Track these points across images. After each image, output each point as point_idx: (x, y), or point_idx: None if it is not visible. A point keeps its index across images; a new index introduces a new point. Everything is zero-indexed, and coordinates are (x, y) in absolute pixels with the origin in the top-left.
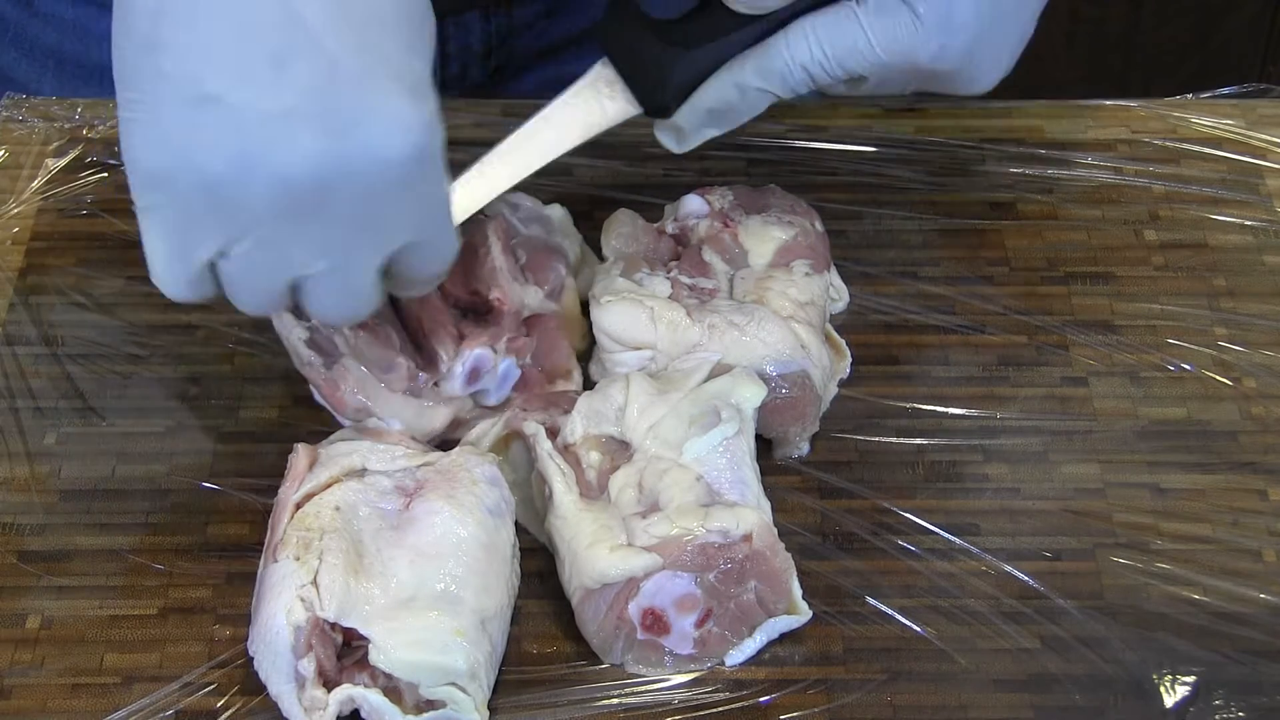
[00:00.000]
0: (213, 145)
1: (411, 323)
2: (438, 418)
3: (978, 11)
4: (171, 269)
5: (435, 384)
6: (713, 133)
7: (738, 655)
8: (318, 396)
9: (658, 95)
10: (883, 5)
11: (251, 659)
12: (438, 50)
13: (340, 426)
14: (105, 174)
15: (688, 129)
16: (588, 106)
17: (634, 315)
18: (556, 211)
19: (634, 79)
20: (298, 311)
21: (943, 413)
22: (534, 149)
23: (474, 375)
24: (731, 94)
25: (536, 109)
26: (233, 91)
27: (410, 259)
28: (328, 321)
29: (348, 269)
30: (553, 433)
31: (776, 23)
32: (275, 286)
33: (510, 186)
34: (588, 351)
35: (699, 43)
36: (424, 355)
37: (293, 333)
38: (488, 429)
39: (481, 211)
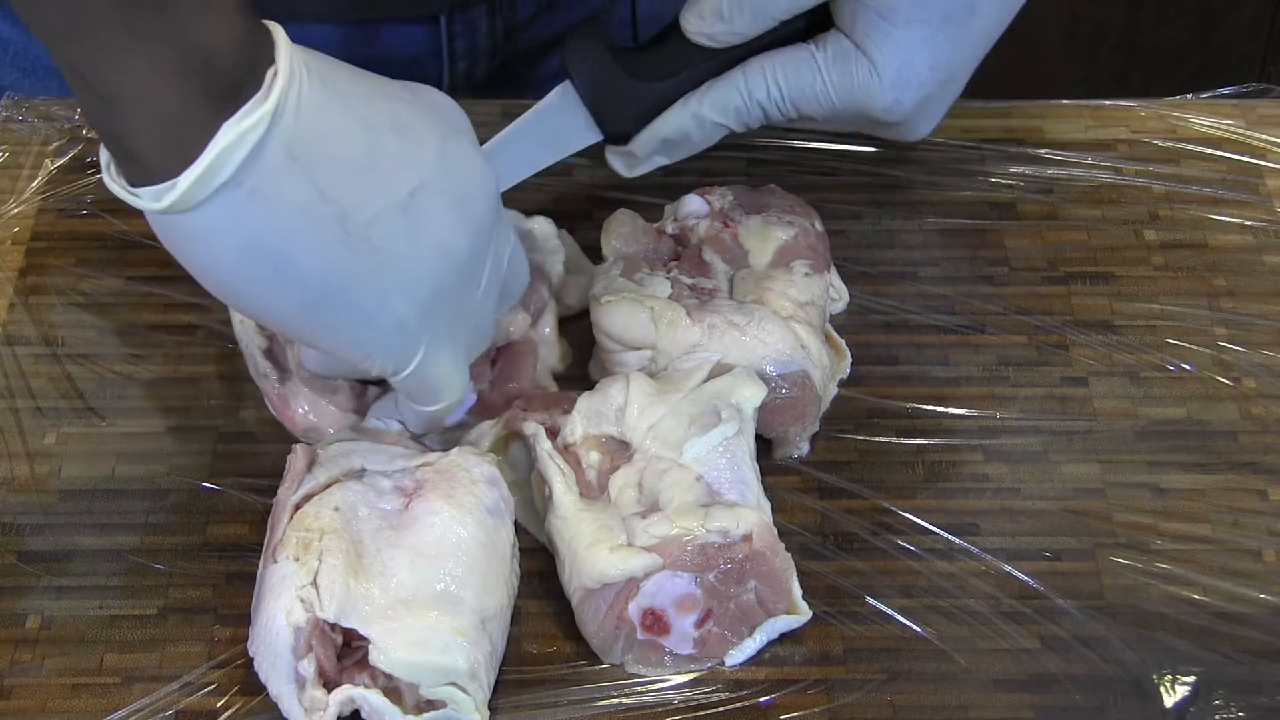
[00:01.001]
0: (445, 224)
1: None
2: (386, 438)
3: (933, 70)
4: (459, 373)
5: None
6: (663, 161)
7: (738, 655)
8: (270, 409)
9: (619, 123)
10: (841, 52)
11: (251, 659)
12: (445, 49)
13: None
14: None
15: (640, 155)
16: (550, 132)
17: (634, 315)
18: (540, 225)
19: (597, 106)
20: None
21: (943, 413)
22: (501, 172)
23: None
24: (689, 124)
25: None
26: (412, 175)
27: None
28: (517, 299)
29: (511, 237)
30: (553, 433)
31: (735, 58)
32: (496, 303)
33: None
34: (581, 361)
35: (660, 74)
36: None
37: (252, 342)
38: (488, 429)
39: None
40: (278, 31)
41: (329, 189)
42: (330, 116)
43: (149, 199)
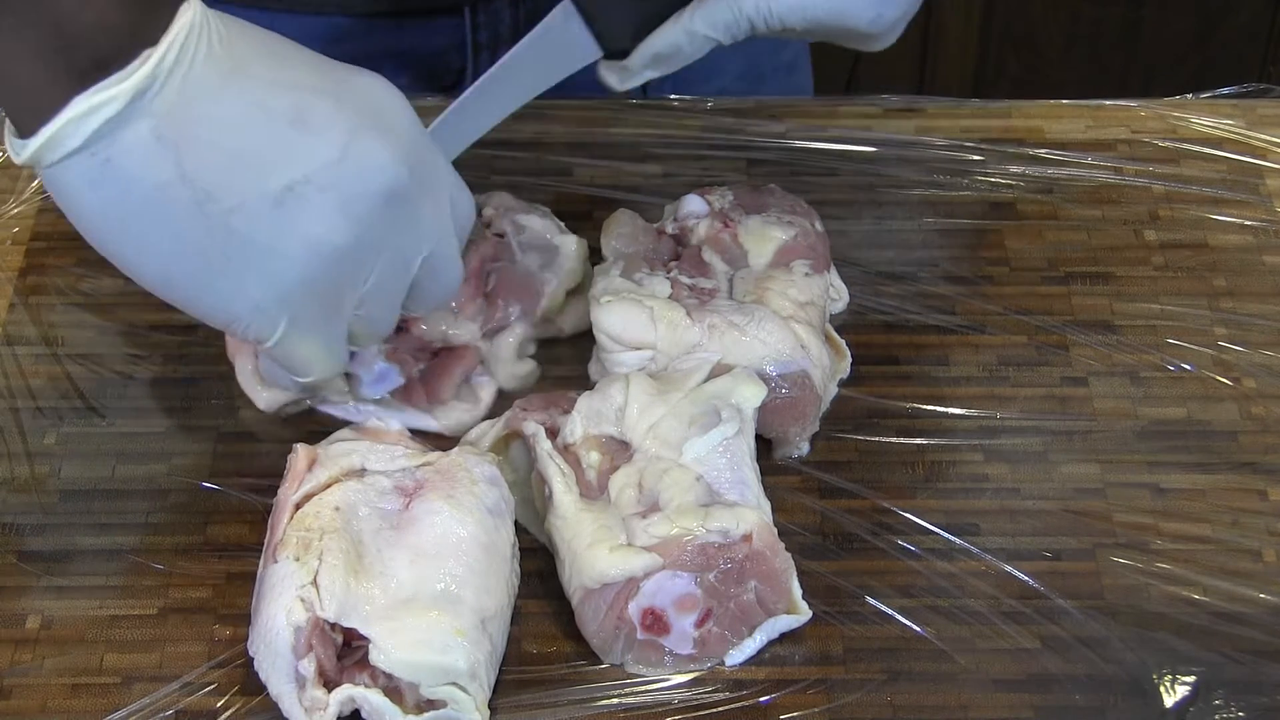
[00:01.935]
0: (322, 219)
1: None
2: (387, 438)
3: None
4: (330, 356)
5: None
6: (653, 75)
7: (738, 655)
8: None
9: (618, 40)
10: None
11: (251, 659)
12: (469, 41)
13: (340, 427)
14: None
15: (634, 69)
16: (551, 51)
17: (634, 315)
18: (568, 244)
19: (597, 23)
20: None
21: (943, 413)
22: (504, 95)
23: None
24: (680, 39)
25: (540, 109)
26: (295, 169)
27: (455, 213)
28: (439, 304)
29: (442, 241)
30: (553, 433)
31: None
32: (399, 300)
33: (475, 138)
34: (582, 361)
35: None
36: None
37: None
38: (487, 429)
39: (487, 226)
40: (183, 14)
41: (196, 173)
42: (219, 103)
43: (13, 150)
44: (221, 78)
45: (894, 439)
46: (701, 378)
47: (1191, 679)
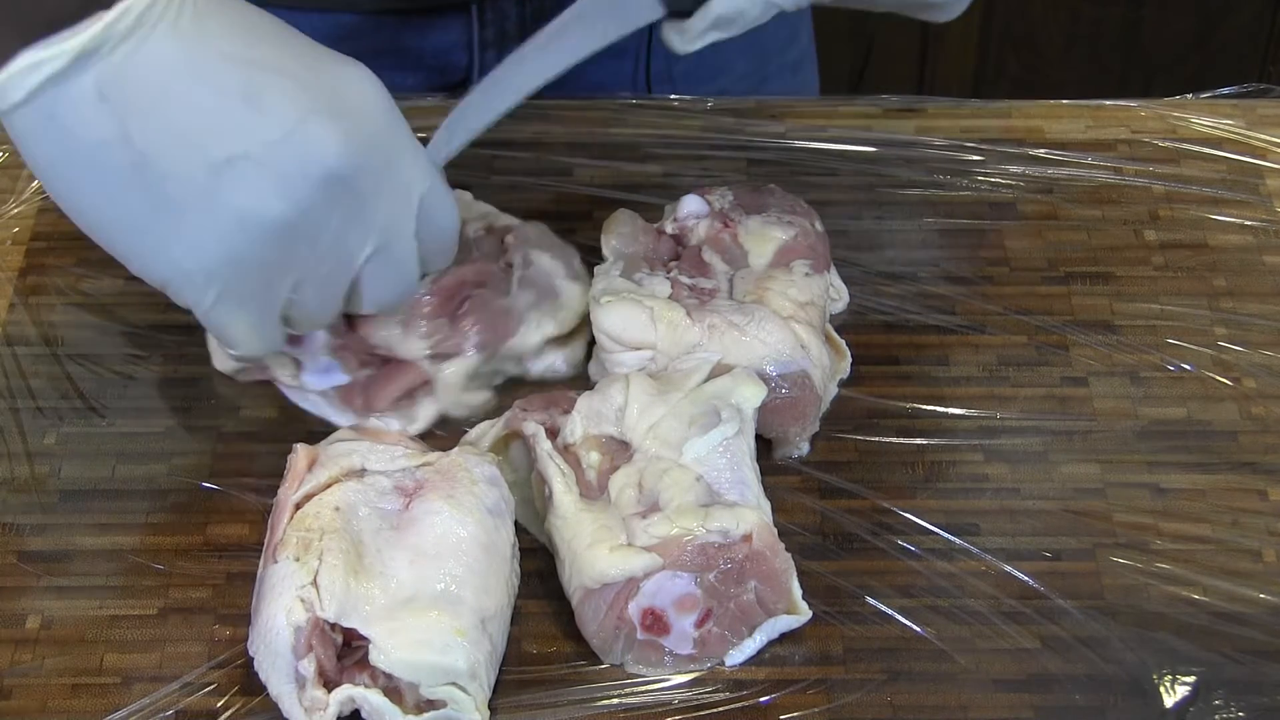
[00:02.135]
0: (256, 195)
1: None
2: (387, 438)
3: None
4: (260, 335)
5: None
6: (716, 37)
7: (738, 655)
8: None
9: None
10: None
11: (251, 659)
12: (475, 39)
13: (339, 427)
14: None
15: (695, 32)
16: (615, 7)
17: (634, 315)
18: (573, 293)
19: None
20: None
21: (943, 413)
22: (563, 49)
23: (293, 339)
24: (743, 3)
25: (540, 109)
26: (236, 143)
27: (428, 220)
28: (384, 306)
29: (394, 241)
30: (553, 433)
31: None
32: (339, 292)
33: (536, 87)
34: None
35: None
36: None
37: None
38: (487, 429)
39: (503, 242)
40: None
41: (136, 136)
42: (171, 73)
43: None
44: (180, 48)
45: (894, 439)
46: (701, 378)
47: (1191, 679)
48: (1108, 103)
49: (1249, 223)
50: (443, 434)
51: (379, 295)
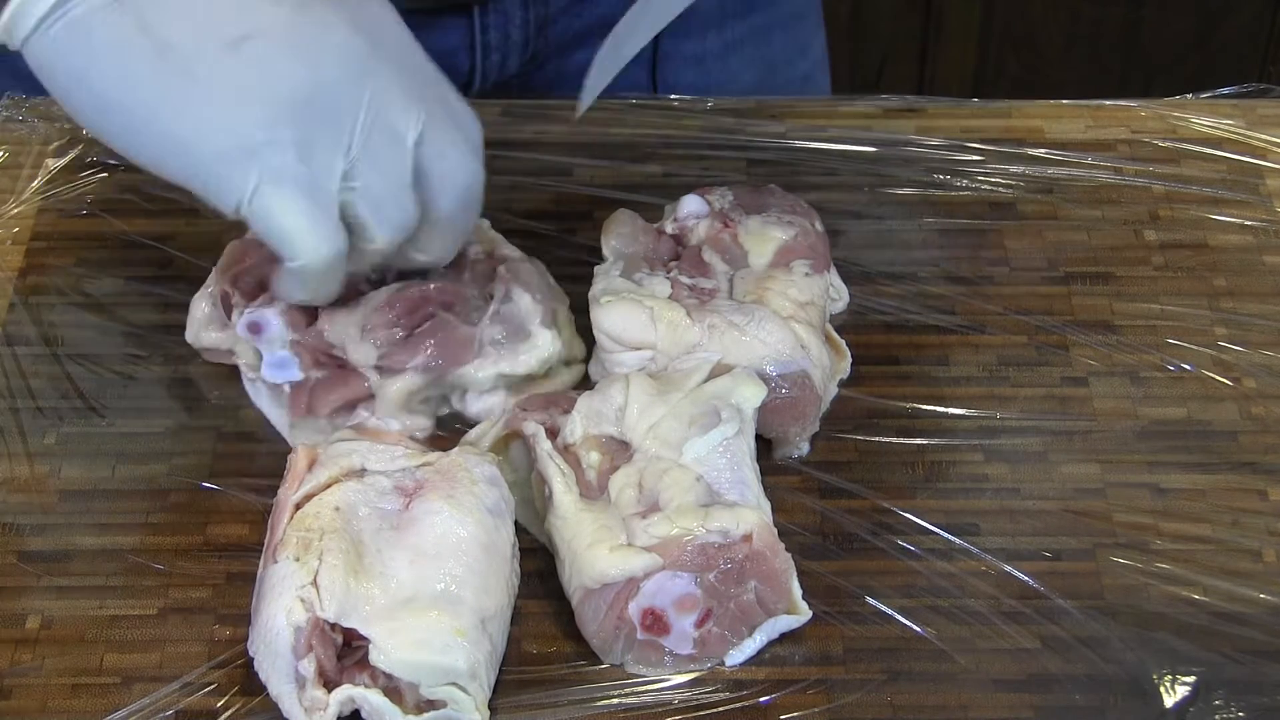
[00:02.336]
0: (277, 65)
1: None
2: (387, 438)
3: None
4: (316, 228)
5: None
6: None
7: (738, 655)
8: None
9: None
10: None
11: (251, 659)
12: (478, 41)
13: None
14: (105, 174)
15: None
16: None
17: (634, 315)
18: (541, 341)
19: None
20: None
21: (943, 413)
22: None
23: (253, 327)
24: None
25: (540, 109)
26: (249, 20)
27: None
28: (462, 196)
29: (439, 113)
30: (553, 433)
31: None
32: (403, 179)
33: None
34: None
35: None
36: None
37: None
38: (488, 429)
39: (495, 271)
40: None
41: (154, 25)
42: None
43: None
44: None
45: (894, 439)
46: (701, 378)
47: (1191, 679)
48: (1108, 103)
49: (1249, 223)
50: (443, 434)
51: (451, 182)
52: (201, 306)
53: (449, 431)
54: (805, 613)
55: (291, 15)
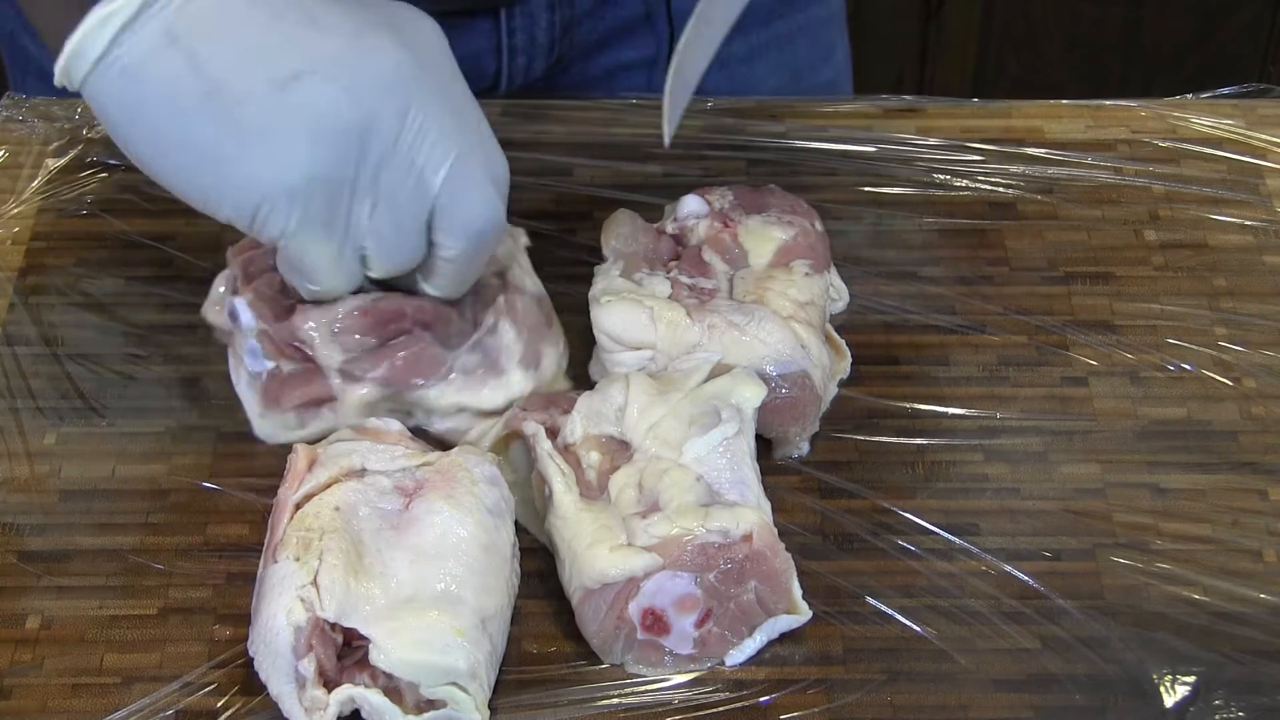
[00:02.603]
0: (324, 105)
1: None
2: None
3: None
4: (339, 265)
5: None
6: None
7: (738, 655)
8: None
9: None
10: None
11: (251, 659)
12: (505, 44)
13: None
14: (105, 174)
15: None
16: None
17: (634, 315)
18: (508, 383)
19: None
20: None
21: (943, 413)
22: None
23: (231, 314)
24: None
25: (540, 109)
26: (299, 59)
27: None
28: (471, 235)
29: (469, 153)
30: (553, 433)
31: None
32: (416, 222)
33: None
34: (582, 361)
35: None
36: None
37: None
38: (488, 429)
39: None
40: None
41: (205, 66)
42: (230, 7)
43: (57, 76)
44: None
45: (894, 439)
46: (701, 378)
47: (1191, 679)
48: (1108, 103)
49: (1249, 223)
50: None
51: (461, 220)
52: (217, 285)
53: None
54: (805, 613)
55: (343, 47)
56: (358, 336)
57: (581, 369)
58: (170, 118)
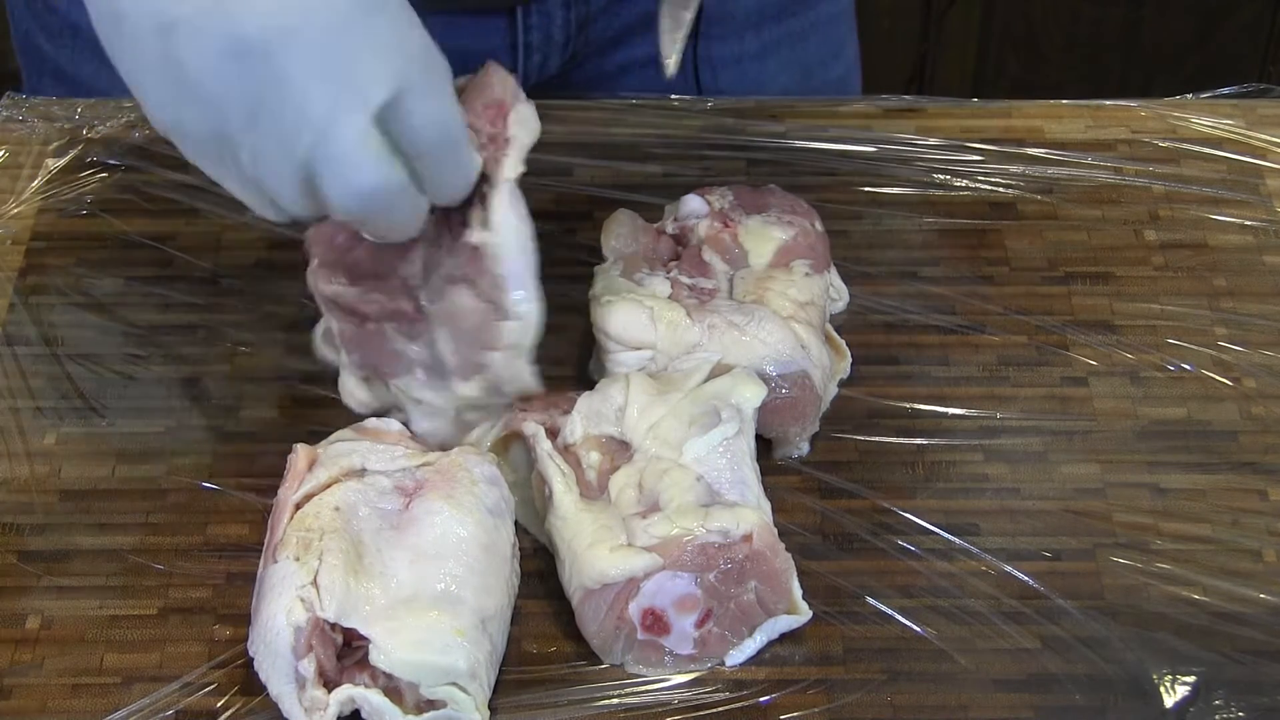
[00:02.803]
0: (190, 56)
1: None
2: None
3: None
4: (251, 198)
5: None
6: None
7: (738, 655)
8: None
9: None
10: None
11: (251, 659)
12: (520, 42)
13: (340, 427)
14: (105, 174)
15: None
16: None
17: (634, 315)
18: (461, 391)
19: None
20: None
21: (943, 413)
22: None
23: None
24: None
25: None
26: (177, 6)
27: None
28: (341, 206)
29: (341, 138)
30: (553, 433)
31: None
32: (281, 174)
33: None
34: (582, 361)
35: None
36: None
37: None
38: (488, 429)
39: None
40: None
41: None
42: None
43: None
44: None
45: (894, 439)
46: (701, 378)
47: (1191, 679)
48: (1108, 103)
49: (1249, 223)
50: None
51: (328, 191)
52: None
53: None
54: (805, 613)
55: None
56: (342, 316)
57: (582, 369)
58: (104, 41)
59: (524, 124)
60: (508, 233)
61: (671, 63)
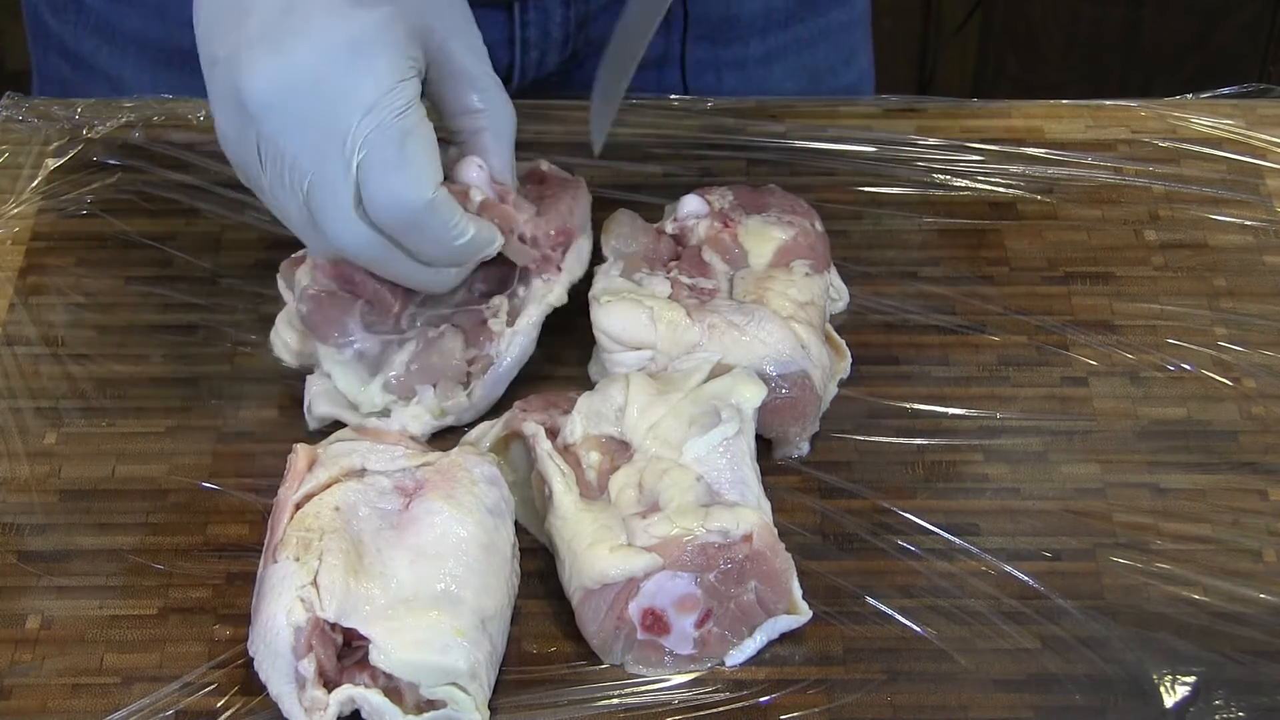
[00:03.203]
0: (229, 88)
1: None
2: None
3: None
4: (295, 221)
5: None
6: None
7: (738, 655)
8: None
9: None
10: None
11: (251, 659)
12: (518, 37)
13: (340, 426)
14: (105, 174)
15: None
16: None
17: (634, 315)
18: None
19: None
20: None
21: (943, 413)
22: None
23: None
24: None
25: (541, 109)
26: (222, 45)
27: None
28: (392, 213)
29: (326, 172)
30: (553, 433)
31: None
32: (299, 208)
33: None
34: (582, 361)
35: None
36: None
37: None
38: (488, 429)
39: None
40: None
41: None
42: None
43: None
44: None
45: (894, 439)
46: (701, 378)
47: (1191, 679)
48: (1108, 103)
49: (1249, 223)
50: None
51: (375, 200)
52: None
53: (448, 431)
54: (805, 613)
55: (230, 55)
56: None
57: (581, 369)
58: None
59: (580, 259)
60: (517, 347)
61: (597, 145)
